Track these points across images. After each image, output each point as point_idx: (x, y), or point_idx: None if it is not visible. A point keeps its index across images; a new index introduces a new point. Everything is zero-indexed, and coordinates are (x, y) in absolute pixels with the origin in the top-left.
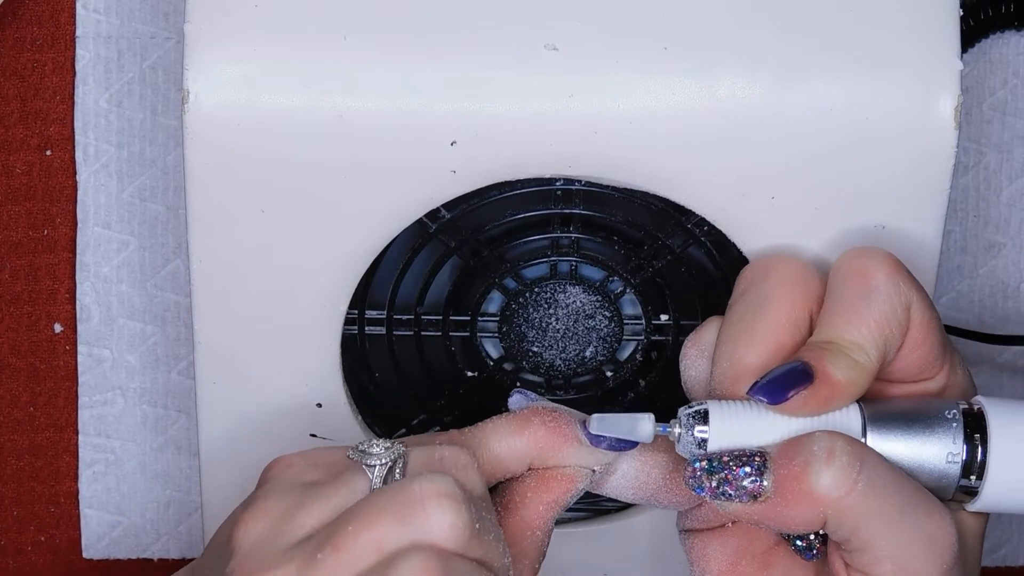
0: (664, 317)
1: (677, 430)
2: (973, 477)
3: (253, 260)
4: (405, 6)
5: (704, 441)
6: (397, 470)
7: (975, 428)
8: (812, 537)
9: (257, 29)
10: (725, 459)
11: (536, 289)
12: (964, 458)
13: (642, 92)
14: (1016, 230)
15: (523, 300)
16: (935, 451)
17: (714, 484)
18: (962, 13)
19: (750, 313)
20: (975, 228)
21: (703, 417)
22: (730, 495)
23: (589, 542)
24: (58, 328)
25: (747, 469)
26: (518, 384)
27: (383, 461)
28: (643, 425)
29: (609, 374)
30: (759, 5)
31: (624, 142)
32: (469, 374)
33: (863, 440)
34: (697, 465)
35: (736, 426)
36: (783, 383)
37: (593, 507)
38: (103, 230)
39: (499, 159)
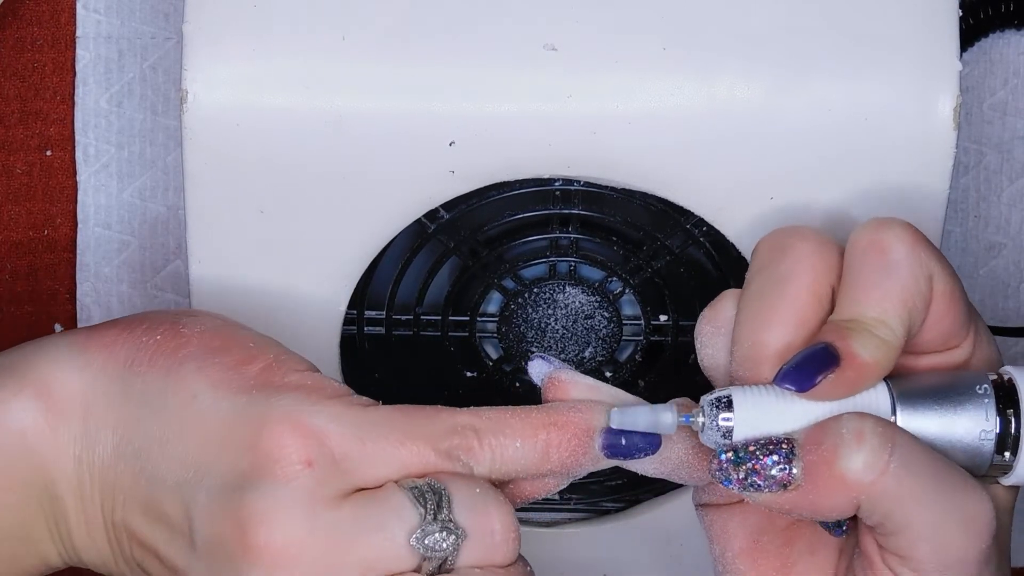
0: (663, 318)
1: (700, 419)
2: (1008, 454)
3: (252, 260)
4: (404, 6)
5: (729, 431)
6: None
7: (1006, 402)
8: None
9: (256, 29)
10: (751, 448)
11: (535, 289)
12: (998, 432)
13: (641, 93)
14: (1016, 231)
15: (522, 300)
16: (967, 428)
17: (742, 475)
18: (961, 12)
19: (770, 290)
20: (975, 229)
21: (727, 404)
22: (759, 486)
23: (589, 542)
24: (58, 328)
25: (775, 457)
26: (517, 384)
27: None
28: (665, 416)
29: (608, 375)
30: (759, 5)
31: (623, 143)
32: (468, 374)
33: (893, 419)
34: (723, 457)
35: (761, 412)
36: (810, 368)
37: (593, 507)
38: (103, 230)
39: (498, 159)
